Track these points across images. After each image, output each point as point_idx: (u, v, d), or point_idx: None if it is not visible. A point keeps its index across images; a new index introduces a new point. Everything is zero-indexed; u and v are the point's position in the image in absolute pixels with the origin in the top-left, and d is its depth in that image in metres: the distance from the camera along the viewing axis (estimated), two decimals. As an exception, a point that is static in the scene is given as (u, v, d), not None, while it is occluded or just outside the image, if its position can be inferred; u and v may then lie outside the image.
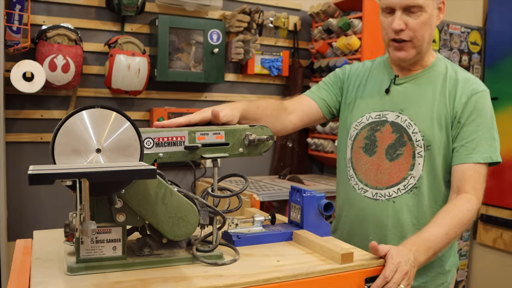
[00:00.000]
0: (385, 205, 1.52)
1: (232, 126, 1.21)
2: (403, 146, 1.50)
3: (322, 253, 1.23)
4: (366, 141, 1.57)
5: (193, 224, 1.10)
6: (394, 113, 1.54)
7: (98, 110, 1.02)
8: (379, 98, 1.58)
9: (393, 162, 1.52)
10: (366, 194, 1.56)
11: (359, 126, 1.59)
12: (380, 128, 1.55)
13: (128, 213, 1.06)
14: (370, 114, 1.58)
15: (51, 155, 0.96)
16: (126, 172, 0.84)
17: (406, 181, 1.50)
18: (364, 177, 1.57)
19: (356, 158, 1.59)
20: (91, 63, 2.76)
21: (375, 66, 1.66)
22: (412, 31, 1.46)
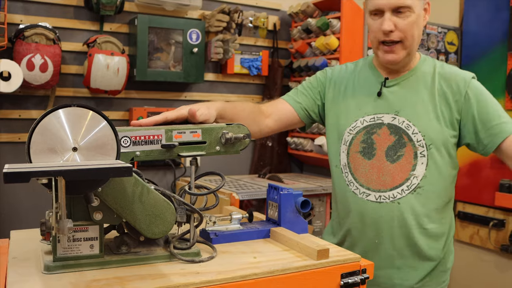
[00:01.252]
0: (390, 207, 1.51)
1: (209, 124, 1.23)
2: (403, 147, 1.50)
3: (299, 249, 1.25)
4: (363, 145, 1.55)
5: (170, 222, 1.11)
6: (389, 115, 1.53)
7: (74, 109, 1.02)
8: (371, 102, 1.56)
9: (395, 163, 1.51)
10: (368, 198, 1.54)
11: (354, 131, 1.57)
12: (377, 131, 1.54)
13: (105, 211, 1.06)
14: (364, 118, 1.56)
15: (27, 154, 0.96)
16: (102, 170, 0.85)
17: (409, 181, 1.50)
18: (366, 181, 1.54)
19: (354, 163, 1.57)
20: (69, 63, 2.74)
21: (360, 69, 1.65)
22: (402, 31, 1.45)
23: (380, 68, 1.59)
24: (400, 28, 1.45)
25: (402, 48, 1.48)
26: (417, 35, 1.49)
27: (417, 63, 1.57)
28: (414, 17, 1.45)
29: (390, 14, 1.44)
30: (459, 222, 3.32)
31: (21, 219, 2.66)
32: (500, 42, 3.10)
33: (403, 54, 1.49)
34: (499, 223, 3.04)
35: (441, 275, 1.57)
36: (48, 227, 0.93)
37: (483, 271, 3.20)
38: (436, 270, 1.56)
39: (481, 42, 3.28)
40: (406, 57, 1.51)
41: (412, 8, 1.44)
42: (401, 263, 1.55)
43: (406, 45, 1.48)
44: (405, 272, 1.54)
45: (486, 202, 3.13)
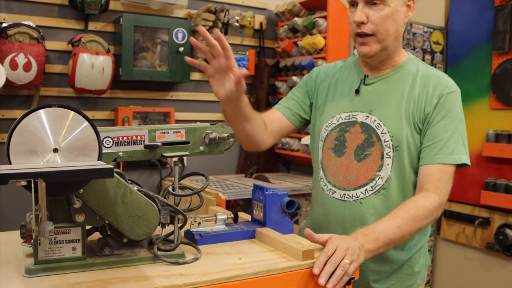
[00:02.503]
0: (352, 206, 1.50)
1: (192, 124, 1.22)
2: (372, 146, 1.49)
3: (284, 250, 1.25)
4: (335, 142, 1.55)
5: (154, 224, 1.10)
6: (363, 114, 1.52)
7: (55, 109, 1.01)
8: (349, 99, 1.56)
9: (361, 162, 1.50)
10: (334, 195, 1.54)
11: (329, 127, 1.57)
12: (350, 129, 1.53)
13: (88, 213, 1.05)
14: (340, 115, 1.56)
15: (6, 155, 0.95)
16: (82, 171, 0.84)
17: (373, 182, 1.48)
18: (333, 178, 1.55)
19: (326, 159, 1.57)
20: (54, 62, 2.71)
21: (345, 66, 1.65)
22: (374, 24, 1.43)
23: (363, 65, 1.57)
24: (372, 21, 1.43)
25: (376, 42, 1.45)
26: (392, 30, 1.45)
27: (403, 62, 1.54)
28: (388, 10, 1.42)
29: (362, 6, 1.43)
30: (445, 220, 3.34)
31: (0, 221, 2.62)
32: (485, 41, 3.12)
33: (377, 47, 1.46)
34: (484, 221, 3.07)
35: (408, 279, 1.54)
36: (29, 230, 0.92)
37: (469, 269, 3.23)
38: (401, 273, 1.53)
39: (467, 41, 3.30)
40: (382, 51, 1.48)
41: (386, 2, 1.42)
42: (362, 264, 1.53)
43: (379, 39, 1.45)
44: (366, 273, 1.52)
45: (472, 201, 3.15)
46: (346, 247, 1.19)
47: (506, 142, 2.87)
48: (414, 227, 1.36)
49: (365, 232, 1.29)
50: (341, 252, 1.18)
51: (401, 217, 1.34)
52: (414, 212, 1.35)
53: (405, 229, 1.34)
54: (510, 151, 2.84)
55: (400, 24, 1.47)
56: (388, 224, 1.32)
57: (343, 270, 1.16)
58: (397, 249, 1.50)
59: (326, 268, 1.16)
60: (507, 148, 2.85)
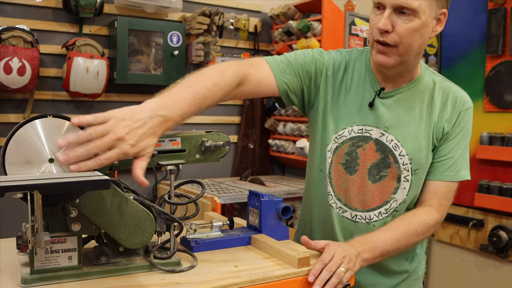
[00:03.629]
0: (365, 228, 1.43)
1: (188, 132, 1.22)
2: (388, 167, 1.40)
3: (280, 257, 1.25)
4: (346, 157, 1.43)
5: (150, 232, 1.10)
6: (378, 130, 1.41)
7: (51, 119, 1.01)
8: (361, 111, 1.42)
9: (376, 184, 1.42)
10: (344, 214, 1.46)
11: (339, 140, 1.44)
12: (363, 145, 1.42)
13: (84, 222, 1.05)
14: (352, 128, 1.43)
15: (2, 166, 0.95)
16: (78, 183, 0.84)
17: (388, 204, 1.42)
18: (344, 197, 1.45)
19: (336, 175, 1.45)
20: (48, 66, 2.70)
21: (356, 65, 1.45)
22: (399, 36, 1.27)
23: (377, 72, 1.42)
24: (398, 32, 1.27)
25: (396, 54, 1.30)
26: (417, 45, 1.30)
27: (419, 74, 1.43)
28: (417, 23, 1.26)
29: (390, 12, 1.27)
30: (439, 222, 3.36)
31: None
32: (478, 44, 3.14)
33: (396, 60, 1.32)
34: (478, 223, 3.09)
35: (414, 283, 1.54)
36: (25, 241, 0.92)
37: (463, 270, 3.25)
38: (408, 279, 1.52)
39: (460, 44, 3.32)
40: (400, 65, 1.34)
41: (418, 13, 1.26)
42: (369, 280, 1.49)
43: (400, 52, 1.30)
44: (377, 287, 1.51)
45: (466, 203, 3.17)
46: (343, 255, 1.19)
47: (499, 145, 2.89)
48: (411, 241, 1.36)
49: (363, 240, 1.29)
50: (338, 259, 1.18)
51: (401, 230, 1.33)
52: (414, 226, 1.35)
53: (402, 242, 1.33)
54: (504, 154, 2.86)
55: (426, 40, 1.32)
56: (387, 236, 1.31)
57: (338, 278, 1.16)
58: (404, 261, 1.50)
59: (321, 275, 1.15)
60: (500, 151, 2.87)
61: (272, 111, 3.38)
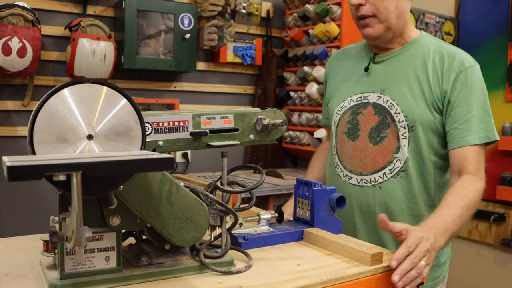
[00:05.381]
0: (372, 192, 1.44)
1: (241, 109, 1.04)
2: (387, 128, 1.42)
3: (345, 254, 1.09)
4: (348, 126, 1.49)
5: (203, 226, 0.92)
6: (375, 94, 1.46)
7: (82, 86, 0.82)
8: (359, 80, 1.51)
9: (378, 145, 1.44)
10: (351, 181, 1.48)
11: (341, 111, 1.52)
12: (362, 111, 1.47)
13: (124, 215, 0.86)
14: (351, 97, 1.50)
15: (29, 144, 0.75)
16: (139, 162, 0.65)
17: (392, 164, 1.42)
18: (349, 164, 1.49)
19: (340, 144, 1.52)
20: (49, 49, 2.48)
21: (356, 48, 1.61)
22: (372, 4, 1.38)
23: (372, 46, 1.52)
24: (370, 1, 1.38)
25: (378, 22, 1.40)
26: (393, 8, 1.39)
27: (414, 38, 1.47)
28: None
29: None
30: (458, 216, 3.22)
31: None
32: (498, 32, 3.03)
33: (381, 28, 1.41)
34: (499, 217, 2.96)
35: (435, 270, 1.46)
36: (61, 238, 0.72)
37: (482, 266, 3.12)
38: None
39: (479, 32, 3.21)
40: (387, 31, 1.42)
41: None
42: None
43: (381, 19, 1.39)
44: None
45: (487, 196, 3.02)
46: (427, 247, 1.06)
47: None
48: (471, 213, 1.29)
49: (434, 224, 1.18)
50: (422, 251, 1.05)
51: (461, 205, 1.26)
52: (470, 198, 1.28)
53: (464, 218, 1.26)
54: (530, 145, 2.72)
55: (402, 2, 1.40)
56: (452, 214, 1.22)
57: (418, 272, 1.04)
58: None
59: (403, 265, 1.02)
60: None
61: (285, 101, 3.20)
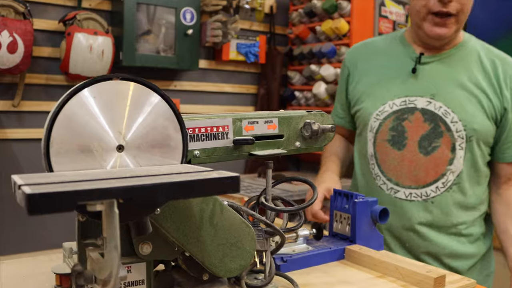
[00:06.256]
0: (422, 207, 1.33)
1: (284, 112, 0.89)
2: (440, 137, 1.31)
3: (399, 276, 0.95)
4: (392, 133, 1.36)
5: (250, 252, 0.77)
6: (424, 99, 1.33)
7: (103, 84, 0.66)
8: (402, 82, 1.37)
9: (429, 156, 1.32)
10: (397, 194, 1.35)
11: (381, 116, 1.37)
12: (408, 117, 1.34)
13: (156, 242, 0.71)
14: (393, 101, 1.36)
15: (45, 158, 0.59)
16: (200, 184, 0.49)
17: (445, 177, 1.31)
18: (394, 175, 1.36)
19: (382, 153, 1.38)
20: (41, 44, 2.30)
21: (388, 44, 1.46)
22: (460, 3, 1.27)
23: (416, 43, 1.39)
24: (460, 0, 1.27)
25: (455, 22, 1.30)
26: (469, 9, 1.32)
27: (463, 39, 1.38)
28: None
29: None
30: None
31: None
32: (508, 31, 2.96)
33: (454, 29, 1.31)
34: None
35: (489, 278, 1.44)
36: (89, 279, 0.56)
37: None
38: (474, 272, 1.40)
39: (487, 31, 3.12)
40: (455, 33, 1.33)
41: None
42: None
43: (459, 19, 1.30)
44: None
45: None
46: None
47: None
48: None
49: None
50: None
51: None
52: None
53: None
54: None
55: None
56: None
57: None
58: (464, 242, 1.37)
59: None
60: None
61: (289, 101, 3.05)
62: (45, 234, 2.30)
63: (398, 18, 2.88)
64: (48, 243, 2.27)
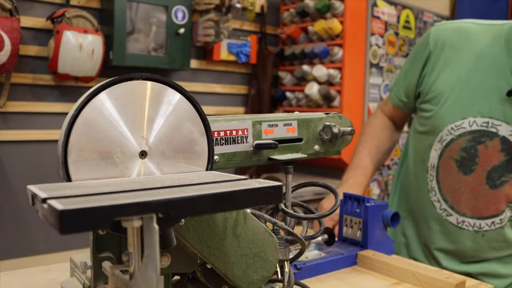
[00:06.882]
0: (472, 237, 1.23)
1: (303, 114, 0.85)
2: (511, 173, 1.18)
3: (417, 282, 0.93)
4: (462, 154, 1.21)
5: (273, 262, 0.73)
6: (509, 127, 1.16)
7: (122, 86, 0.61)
8: (492, 100, 1.17)
9: (495, 190, 1.20)
10: (448, 218, 1.25)
11: (456, 131, 1.20)
12: (486, 142, 1.18)
13: (175, 254, 0.66)
14: (475, 119, 1.18)
15: (63, 166, 0.55)
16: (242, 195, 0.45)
17: (503, 214, 1.21)
18: (451, 198, 1.24)
19: (445, 171, 1.24)
20: (28, 42, 2.22)
21: (488, 41, 1.19)
22: None
23: None
24: None
25: None
26: None
27: None
28: None
29: None
30: None
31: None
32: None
33: None
34: None
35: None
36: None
37: None
38: None
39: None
40: None
41: None
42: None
43: None
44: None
45: None
46: None
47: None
48: None
49: None
50: None
51: None
52: None
53: None
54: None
55: None
56: None
57: None
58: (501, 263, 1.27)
59: None
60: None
61: (280, 101, 3.02)
62: (28, 239, 2.22)
63: (390, 18, 2.87)
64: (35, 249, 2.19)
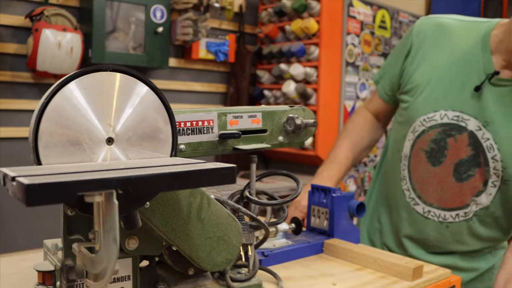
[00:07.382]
0: (436, 227, 1.26)
1: (268, 107, 0.90)
2: (477, 167, 1.20)
3: (378, 268, 0.98)
4: (432, 146, 1.23)
5: (236, 246, 0.77)
6: (476, 122, 1.18)
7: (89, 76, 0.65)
8: (462, 94, 1.19)
9: (461, 183, 1.22)
10: (415, 207, 1.28)
11: (427, 123, 1.23)
12: (455, 135, 1.20)
13: (143, 237, 0.70)
14: (446, 112, 1.20)
15: (33, 151, 0.58)
16: (196, 175, 0.50)
17: (468, 208, 1.22)
18: (420, 188, 1.27)
19: (415, 161, 1.27)
20: (6, 40, 2.23)
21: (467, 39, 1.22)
22: None
23: (500, 54, 1.17)
24: None
25: None
26: None
27: None
28: None
29: None
30: None
31: None
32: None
33: None
34: None
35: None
36: (80, 273, 0.56)
37: None
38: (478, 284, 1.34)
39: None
40: None
41: None
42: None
43: None
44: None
45: None
46: None
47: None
48: None
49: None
50: None
51: None
52: None
53: None
54: None
55: None
56: None
57: None
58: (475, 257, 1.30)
59: None
60: None
61: (258, 100, 3.07)
62: (7, 236, 2.23)
63: (366, 18, 2.94)
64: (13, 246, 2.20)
